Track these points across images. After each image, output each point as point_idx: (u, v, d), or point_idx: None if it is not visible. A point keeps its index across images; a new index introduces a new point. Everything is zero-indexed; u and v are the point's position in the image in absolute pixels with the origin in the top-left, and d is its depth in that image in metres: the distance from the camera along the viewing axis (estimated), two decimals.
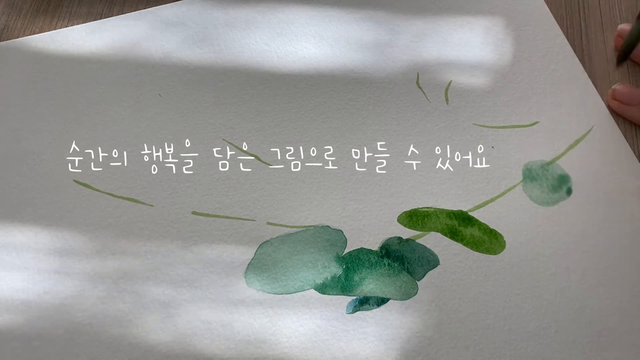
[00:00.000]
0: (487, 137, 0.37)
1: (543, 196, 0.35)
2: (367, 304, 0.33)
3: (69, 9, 0.42)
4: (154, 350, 0.32)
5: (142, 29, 0.41)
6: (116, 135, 0.38)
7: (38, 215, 0.35)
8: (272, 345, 0.32)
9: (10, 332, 0.32)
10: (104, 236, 0.34)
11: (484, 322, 0.32)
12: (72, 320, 0.32)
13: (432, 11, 0.41)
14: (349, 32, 0.41)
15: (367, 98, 0.39)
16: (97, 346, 0.32)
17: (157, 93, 0.39)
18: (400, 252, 0.34)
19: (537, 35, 0.40)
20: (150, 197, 0.36)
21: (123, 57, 0.40)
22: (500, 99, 0.38)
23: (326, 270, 0.33)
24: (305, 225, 0.35)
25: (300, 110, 0.38)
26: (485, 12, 0.41)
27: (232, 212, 0.35)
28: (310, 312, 0.33)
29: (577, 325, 0.32)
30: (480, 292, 0.33)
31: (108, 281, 0.33)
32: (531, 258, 0.34)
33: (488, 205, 0.35)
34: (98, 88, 0.39)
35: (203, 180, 0.36)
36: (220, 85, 0.39)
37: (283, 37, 0.41)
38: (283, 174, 0.36)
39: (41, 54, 0.40)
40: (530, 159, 0.36)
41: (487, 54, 0.40)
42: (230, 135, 0.37)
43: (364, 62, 0.40)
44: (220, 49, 0.40)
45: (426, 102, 0.38)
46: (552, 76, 0.39)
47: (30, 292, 0.33)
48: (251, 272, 0.34)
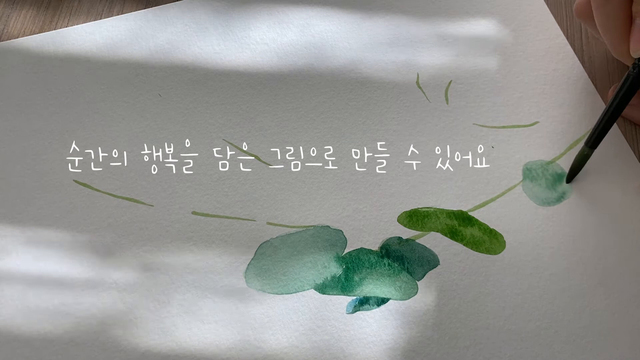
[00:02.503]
0: (487, 137, 0.37)
1: (543, 196, 0.35)
2: (367, 304, 0.33)
3: (69, 9, 0.42)
4: (154, 350, 0.32)
5: (142, 29, 0.41)
6: (116, 135, 0.38)
7: (38, 215, 0.35)
8: (272, 345, 0.32)
9: (10, 332, 0.32)
10: (104, 236, 0.34)
11: (484, 322, 0.32)
12: (72, 320, 0.32)
13: (432, 11, 0.41)
14: (349, 32, 0.41)
15: (367, 98, 0.39)
16: (97, 346, 0.32)
17: (157, 93, 0.39)
18: (400, 252, 0.34)
19: (537, 35, 0.40)
20: (150, 197, 0.36)
21: (123, 57, 0.40)
22: (500, 99, 0.38)
23: (326, 270, 0.34)
24: (305, 225, 0.35)
25: (300, 110, 0.38)
26: (485, 12, 0.41)
27: (232, 212, 0.35)
28: (310, 312, 0.33)
29: (577, 325, 0.32)
30: (480, 292, 0.33)
31: (108, 281, 0.33)
32: (531, 258, 0.34)
33: (488, 205, 0.35)
34: (98, 88, 0.39)
35: (203, 180, 0.36)
36: (220, 85, 0.39)
37: (283, 37, 0.41)
38: (283, 174, 0.36)
39: (41, 54, 0.40)
40: (530, 159, 0.36)
41: (487, 53, 0.40)
42: (230, 135, 0.37)
43: (364, 62, 0.40)
44: (220, 49, 0.40)
45: (426, 102, 0.38)
46: (552, 76, 0.39)
47: (30, 292, 0.33)
48: (251, 272, 0.34)
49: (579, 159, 0.35)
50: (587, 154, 0.34)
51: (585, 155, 0.34)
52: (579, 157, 0.35)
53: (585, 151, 0.34)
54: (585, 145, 0.34)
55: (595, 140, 0.34)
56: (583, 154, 0.34)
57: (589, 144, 0.34)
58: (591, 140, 0.34)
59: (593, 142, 0.34)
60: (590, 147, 0.34)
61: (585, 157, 0.35)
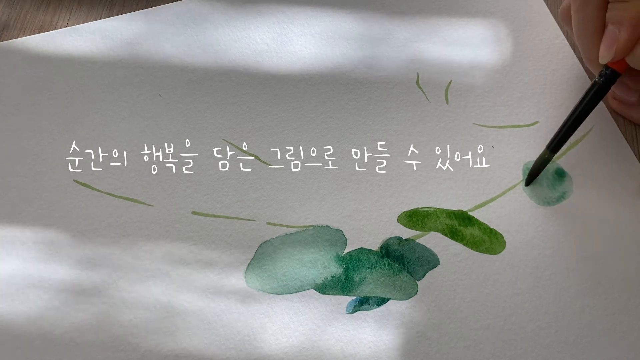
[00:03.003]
0: (487, 137, 0.37)
1: (543, 196, 0.35)
2: (367, 304, 0.33)
3: (69, 9, 0.42)
4: (154, 350, 0.32)
5: (142, 29, 0.41)
6: (116, 135, 0.38)
7: (38, 215, 0.35)
8: (272, 345, 0.32)
9: (10, 332, 0.32)
10: (104, 236, 0.34)
11: (484, 322, 0.32)
12: (72, 321, 0.32)
13: (432, 11, 0.41)
14: (349, 32, 0.41)
15: (367, 98, 0.39)
16: (97, 346, 0.32)
17: (157, 93, 0.39)
18: (400, 252, 0.34)
19: (537, 35, 0.40)
20: (150, 197, 0.36)
21: (123, 57, 0.40)
22: (500, 99, 0.38)
23: (326, 270, 0.34)
24: (305, 225, 0.35)
25: (300, 110, 0.38)
26: (485, 12, 0.41)
27: (232, 212, 0.35)
28: (310, 312, 0.33)
29: (577, 325, 0.32)
30: (480, 292, 0.33)
31: (108, 281, 0.33)
32: (531, 258, 0.34)
33: (488, 205, 0.35)
34: (98, 88, 0.39)
35: (203, 180, 0.36)
36: (220, 85, 0.39)
37: (283, 37, 0.41)
38: (283, 174, 0.36)
39: (41, 54, 0.40)
40: (530, 159, 0.36)
41: (487, 54, 0.40)
42: (230, 135, 0.37)
43: (364, 62, 0.40)
44: (220, 49, 0.40)
45: (426, 102, 0.38)
46: (552, 76, 0.39)
47: (30, 292, 0.33)
48: (251, 272, 0.34)
49: (539, 162, 0.35)
50: (548, 157, 0.34)
51: (545, 159, 0.35)
52: (539, 160, 0.35)
53: (546, 154, 0.34)
54: (547, 149, 0.34)
55: (556, 144, 0.34)
56: (543, 158, 0.34)
57: (549, 148, 0.34)
58: (552, 144, 0.34)
59: (554, 147, 0.34)
60: (551, 151, 0.34)
61: (546, 160, 0.35)
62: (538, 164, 0.35)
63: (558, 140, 0.34)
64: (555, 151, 0.34)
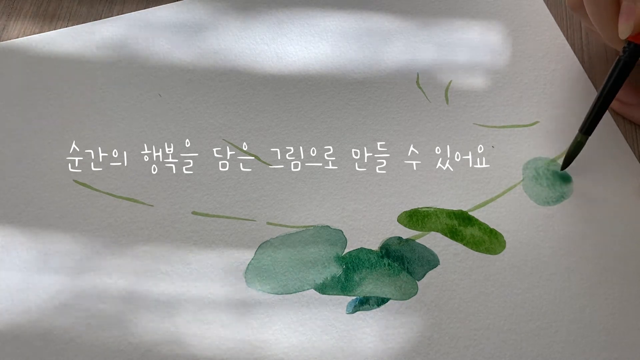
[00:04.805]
0: (487, 137, 0.37)
1: (543, 196, 0.35)
2: (367, 304, 0.33)
3: (69, 9, 0.42)
4: (154, 350, 0.32)
5: (142, 29, 0.41)
6: (116, 135, 0.38)
7: (38, 215, 0.35)
8: (272, 345, 0.32)
9: (10, 332, 0.32)
10: (104, 236, 0.34)
11: (484, 322, 0.32)
12: (72, 321, 0.32)
13: (432, 11, 0.41)
14: (349, 32, 0.41)
15: (367, 98, 0.39)
16: (97, 346, 0.32)
17: (157, 93, 0.39)
18: (400, 252, 0.34)
19: (537, 35, 0.40)
20: (150, 197, 0.36)
21: (123, 57, 0.40)
22: (500, 99, 0.38)
23: (326, 270, 0.34)
24: (305, 225, 0.35)
25: (300, 110, 0.38)
26: (485, 12, 0.41)
27: (232, 212, 0.35)
28: (310, 312, 0.33)
29: (577, 325, 0.32)
30: (480, 292, 0.33)
31: (108, 281, 0.33)
32: (531, 258, 0.34)
33: (488, 205, 0.35)
34: (98, 88, 0.39)
35: (203, 180, 0.36)
36: (220, 85, 0.39)
37: (283, 37, 0.41)
38: (283, 174, 0.36)
39: (41, 54, 0.40)
40: (530, 159, 0.36)
41: (487, 54, 0.40)
42: (230, 135, 0.37)
43: (364, 62, 0.40)
44: (220, 49, 0.40)
45: (426, 102, 0.38)
46: (552, 76, 0.39)
47: (30, 292, 0.33)
48: (251, 272, 0.34)
49: (573, 147, 0.35)
50: (581, 141, 0.34)
51: (579, 143, 0.35)
52: (574, 144, 0.35)
53: (579, 138, 0.34)
54: (580, 132, 0.34)
55: (589, 126, 0.34)
56: (577, 141, 0.35)
57: (582, 131, 0.34)
58: (585, 127, 0.34)
59: (587, 129, 0.34)
60: (584, 134, 0.34)
61: (580, 144, 0.35)
62: (572, 148, 0.35)
63: (590, 122, 0.34)
64: (588, 134, 0.34)
